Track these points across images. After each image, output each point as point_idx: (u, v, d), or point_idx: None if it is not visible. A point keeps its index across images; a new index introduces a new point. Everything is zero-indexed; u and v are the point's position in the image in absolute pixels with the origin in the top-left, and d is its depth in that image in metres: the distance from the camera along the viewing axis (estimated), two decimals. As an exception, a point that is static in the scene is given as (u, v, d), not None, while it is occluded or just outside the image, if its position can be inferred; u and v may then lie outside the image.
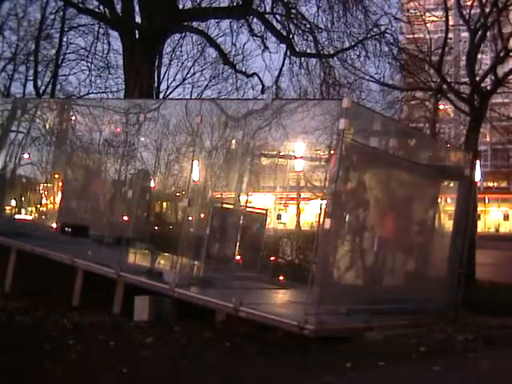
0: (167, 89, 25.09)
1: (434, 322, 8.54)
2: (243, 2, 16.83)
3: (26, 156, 15.28)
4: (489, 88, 17.53)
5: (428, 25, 20.16)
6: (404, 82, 21.19)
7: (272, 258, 11.90)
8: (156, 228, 13.61)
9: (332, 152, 8.51)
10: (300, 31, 17.59)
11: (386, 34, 17.52)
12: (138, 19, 16.93)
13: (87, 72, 22.18)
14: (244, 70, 20.31)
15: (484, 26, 16.48)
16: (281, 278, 11.15)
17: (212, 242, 11.36)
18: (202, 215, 11.49)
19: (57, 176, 15.14)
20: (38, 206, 16.00)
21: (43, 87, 24.26)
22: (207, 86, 24.67)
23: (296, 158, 12.31)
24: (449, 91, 18.47)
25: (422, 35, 21.05)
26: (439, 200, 11.09)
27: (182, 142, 11.80)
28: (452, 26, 21.33)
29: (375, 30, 17.45)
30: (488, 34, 17.25)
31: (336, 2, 17.05)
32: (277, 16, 17.72)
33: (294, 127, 10.52)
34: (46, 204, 15.87)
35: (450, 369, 6.42)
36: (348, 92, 18.66)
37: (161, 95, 23.40)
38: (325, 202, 8.26)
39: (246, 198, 12.10)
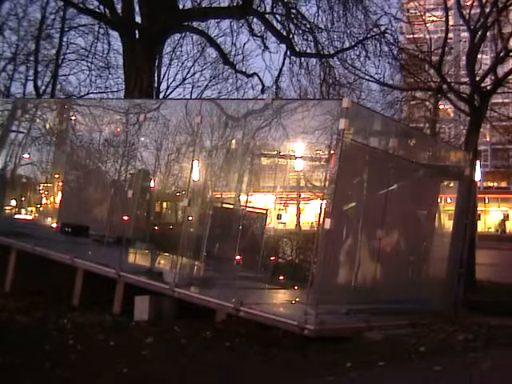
0: (167, 89, 25.13)
1: (434, 322, 8.54)
2: (243, 1, 16.82)
3: (26, 156, 15.26)
4: (489, 88, 17.51)
5: (428, 25, 20.14)
6: (404, 82, 21.20)
7: (272, 258, 11.89)
8: (156, 228, 13.59)
9: (332, 152, 8.50)
10: (300, 31, 17.61)
11: (386, 34, 17.55)
12: (138, 19, 16.94)
13: (87, 72, 22.21)
14: (244, 69, 20.36)
15: (484, 26, 16.46)
16: (281, 277, 11.14)
17: (212, 242, 11.36)
18: (202, 215, 11.49)
19: (57, 176, 15.12)
20: (38, 206, 15.98)
21: (43, 87, 24.26)
22: (207, 85, 24.74)
23: (296, 157, 12.31)
24: (449, 91, 18.46)
25: (422, 35, 21.05)
26: (439, 200, 11.10)
27: (182, 142, 11.78)
28: (452, 26, 21.35)
29: (375, 30, 17.48)
30: (488, 33, 17.23)
31: (336, 1, 17.07)
32: (277, 16, 17.73)
33: (294, 127, 10.50)
34: (46, 204, 15.85)
35: (450, 369, 6.41)
36: (348, 92, 18.68)
37: (161, 95, 23.41)
38: (325, 202, 8.25)
39: (246, 198, 12.09)
